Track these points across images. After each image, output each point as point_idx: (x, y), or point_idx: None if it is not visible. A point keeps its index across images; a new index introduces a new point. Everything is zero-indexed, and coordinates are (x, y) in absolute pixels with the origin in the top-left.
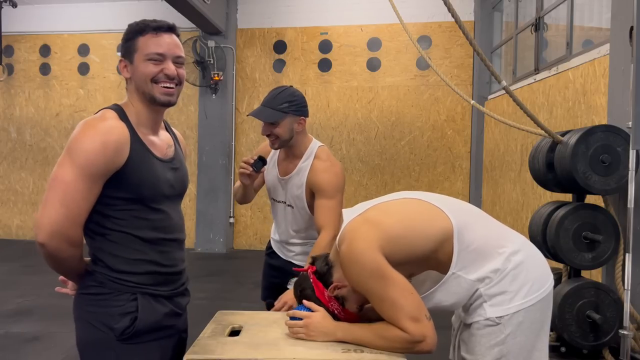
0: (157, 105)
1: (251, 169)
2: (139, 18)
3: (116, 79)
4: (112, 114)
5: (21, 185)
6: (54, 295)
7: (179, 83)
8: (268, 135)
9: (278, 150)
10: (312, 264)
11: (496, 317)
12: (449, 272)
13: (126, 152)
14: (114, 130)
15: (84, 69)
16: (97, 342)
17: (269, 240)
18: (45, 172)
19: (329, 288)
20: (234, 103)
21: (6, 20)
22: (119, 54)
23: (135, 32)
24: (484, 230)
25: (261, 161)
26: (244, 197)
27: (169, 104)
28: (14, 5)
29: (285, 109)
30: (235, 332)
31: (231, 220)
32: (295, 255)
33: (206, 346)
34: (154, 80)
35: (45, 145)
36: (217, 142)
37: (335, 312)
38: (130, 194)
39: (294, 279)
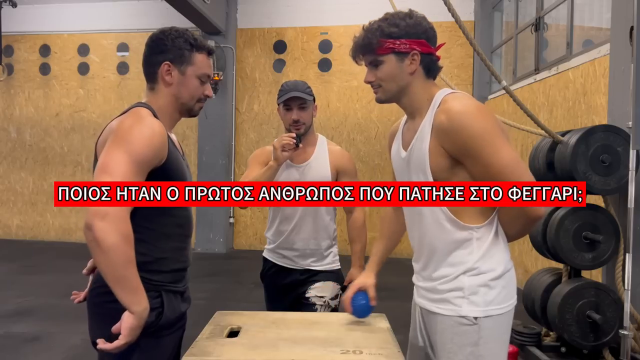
0: (189, 117)
1: (294, 141)
2: (139, 18)
3: (116, 79)
4: (148, 112)
5: (21, 185)
6: (54, 295)
7: None
8: (296, 122)
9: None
10: None
11: (473, 317)
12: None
13: (166, 148)
14: (158, 126)
15: (83, 69)
16: None
17: (264, 262)
18: (45, 172)
19: None
20: (234, 103)
21: (6, 20)
22: (120, 54)
23: (192, 45)
24: None
25: (299, 138)
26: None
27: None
28: (14, 5)
29: (311, 92)
30: (234, 333)
31: (231, 220)
32: (334, 256)
33: (204, 348)
34: (198, 99)
35: (45, 145)
36: (217, 142)
37: None
38: None
39: (318, 285)
